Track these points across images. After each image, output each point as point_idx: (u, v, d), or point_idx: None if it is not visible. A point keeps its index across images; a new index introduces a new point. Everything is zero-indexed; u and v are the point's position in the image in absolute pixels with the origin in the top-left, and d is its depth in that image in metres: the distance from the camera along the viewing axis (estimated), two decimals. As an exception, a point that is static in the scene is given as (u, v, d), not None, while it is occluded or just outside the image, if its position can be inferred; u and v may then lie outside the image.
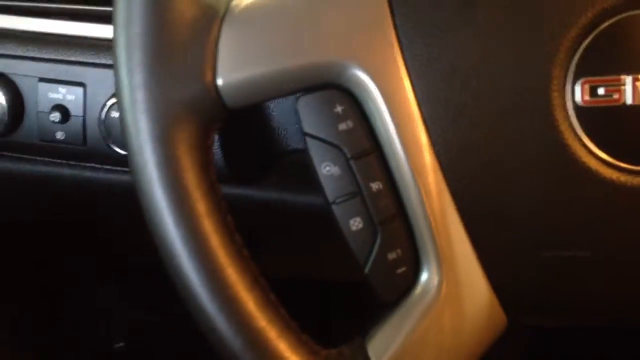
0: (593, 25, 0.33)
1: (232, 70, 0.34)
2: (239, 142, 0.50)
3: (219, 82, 0.34)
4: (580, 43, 0.33)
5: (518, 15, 0.33)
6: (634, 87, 0.32)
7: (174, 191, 0.33)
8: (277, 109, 0.47)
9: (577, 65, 0.33)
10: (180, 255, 0.33)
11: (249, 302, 0.34)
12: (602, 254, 0.34)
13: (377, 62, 0.34)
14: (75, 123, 0.52)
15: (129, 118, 0.34)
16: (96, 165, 0.54)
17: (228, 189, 0.55)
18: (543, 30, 0.33)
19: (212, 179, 0.35)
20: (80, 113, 0.52)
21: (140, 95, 0.33)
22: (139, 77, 0.33)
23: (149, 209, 0.34)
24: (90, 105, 0.51)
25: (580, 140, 0.33)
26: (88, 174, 0.55)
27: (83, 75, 0.51)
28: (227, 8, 0.35)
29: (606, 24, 0.32)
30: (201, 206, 0.34)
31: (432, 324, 0.35)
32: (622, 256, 0.34)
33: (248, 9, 0.35)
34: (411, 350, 0.35)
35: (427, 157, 0.34)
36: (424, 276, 0.35)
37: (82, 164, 0.55)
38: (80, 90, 0.52)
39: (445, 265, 0.35)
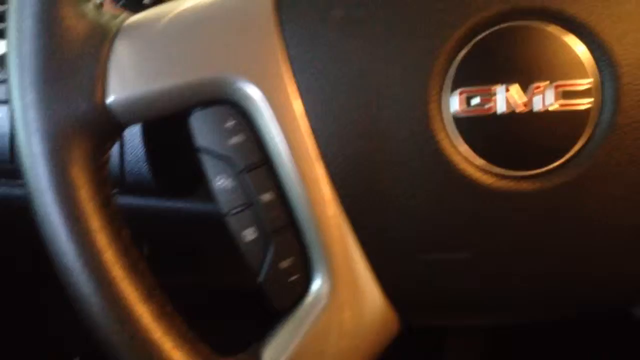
0: (468, 37, 0.34)
1: (122, 87, 0.35)
2: (166, 155, 0.51)
3: (110, 99, 0.35)
4: (457, 55, 0.34)
5: (398, 29, 0.34)
6: (505, 97, 0.33)
7: (67, 208, 0.34)
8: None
9: (454, 77, 0.34)
10: (74, 270, 0.34)
11: (144, 314, 0.35)
12: (483, 255, 0.35)
13: (265, 76, 0.35)
14: (1, 141, 0.53)
15: (22, 137, 0.35)
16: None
17: (158, 203, 0.56)
18: (421, 42, 0.34)
19: (107, 193, 0.35)
20: (7, 131, 0.53)
21: (31, 115, 0.34)
22: (30, 97, 0.34)
23: (43, 225, 0.35)
24: (16, 123, 0.52)
25: (457, 148, 0.34)
26: (17, 191, 0.56)
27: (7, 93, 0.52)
28: (118, 27, 0.36)
29: (480, 36, 0.34)
30: (94, 222, 0.34)
31: (326, 329, 0.36)
32: (501, 256, 0.35)
33: (138, 27, 0.36)
34: (305, 355, 0.36)
35: (316, 168, 0.35)
36: (316, 283, 0.36)
37: (12, 181, 0.55)
38: (5, 108, 0.52)
39: (336, 272, 0.36)
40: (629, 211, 0.34)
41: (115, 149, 0.51)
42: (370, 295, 0.36)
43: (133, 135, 0.50)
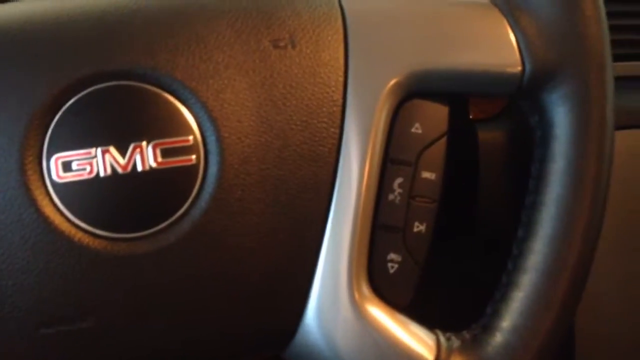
0: (59, 103, 0.33)
1: None
2: None
3: None
4: (50, 121, 0.33)
5: None
6: (104, 159, 0.32)
7: None
8: None
9: (49, 143, 0.33)
10: None
11: None
12: (109, 322, 0.34)
13: None
14: None
15: None
16: None
17: None
18: (9, 112, 0.32)
19: None
20: None
21: None
22: None
23: None
24: None
25: (63, 214, 0.33)
26: None
27: None
28: None
29: (71, 100, 0.33)
30: None
31: None
32: (127, 322, 0.34)
33: None
34: None
35: None
36: None
37: None
38: None
39: None
40: (243, 262, 0.34)
41: None
42: None
43: None
